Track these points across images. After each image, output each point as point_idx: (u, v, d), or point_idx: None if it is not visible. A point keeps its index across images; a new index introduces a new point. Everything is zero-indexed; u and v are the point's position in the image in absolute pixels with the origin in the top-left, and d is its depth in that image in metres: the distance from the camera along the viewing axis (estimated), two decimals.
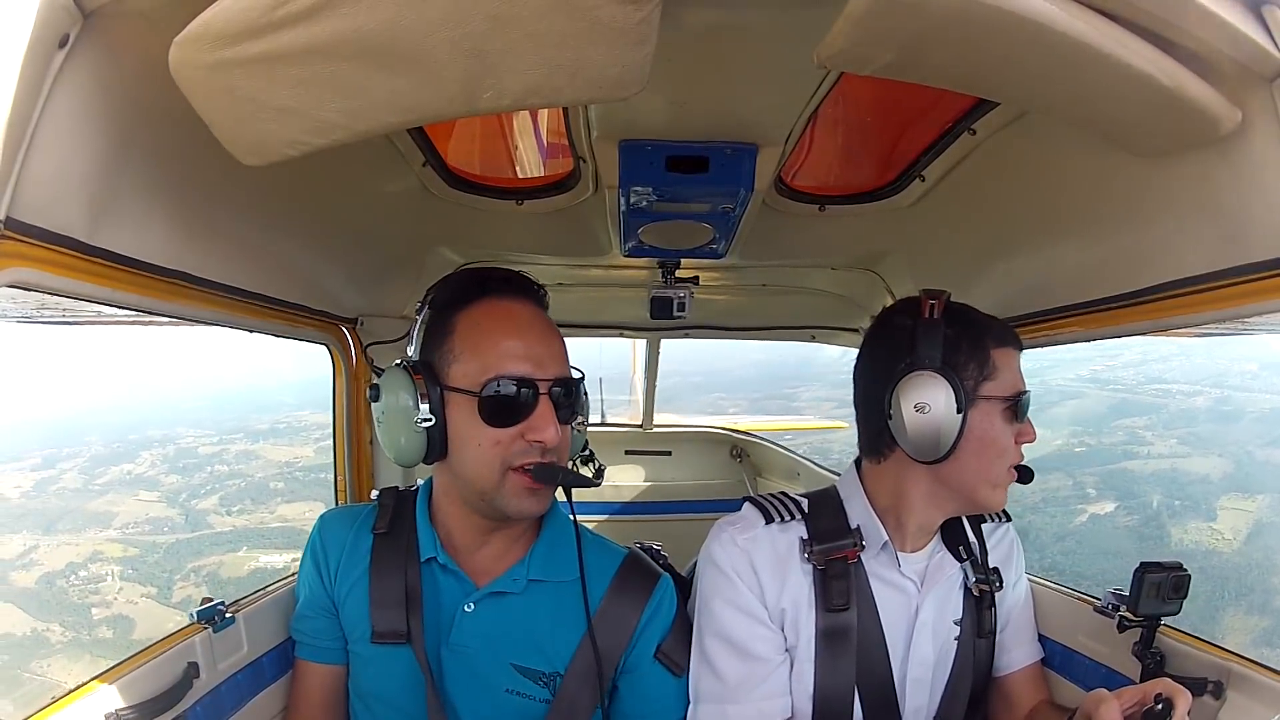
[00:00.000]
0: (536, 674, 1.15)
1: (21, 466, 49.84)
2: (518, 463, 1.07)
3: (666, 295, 1.92)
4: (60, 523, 43.03)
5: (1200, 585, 24.97)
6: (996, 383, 1.13)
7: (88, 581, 36.74)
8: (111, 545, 39.82)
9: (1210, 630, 22.87)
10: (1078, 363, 47.47)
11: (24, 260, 0.75)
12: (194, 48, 0.71)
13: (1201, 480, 32.63)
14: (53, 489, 47.14)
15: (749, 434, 3.84)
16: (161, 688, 1.10)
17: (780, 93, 1.11)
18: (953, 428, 1.09)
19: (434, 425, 1.06)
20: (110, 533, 41.47)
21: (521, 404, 1.07)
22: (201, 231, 1.10)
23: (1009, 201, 1.41)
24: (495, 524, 1.16)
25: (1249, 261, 0.92)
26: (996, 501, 1.17)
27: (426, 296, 1.16)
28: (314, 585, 1.24)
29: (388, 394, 1.09)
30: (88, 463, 49.31)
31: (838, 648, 1.17)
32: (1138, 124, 0.89)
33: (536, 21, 0.67)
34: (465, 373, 1.07)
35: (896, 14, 0.68)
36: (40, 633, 33.24)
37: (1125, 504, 31.64)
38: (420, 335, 1.14)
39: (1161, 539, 29.21)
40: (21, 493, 47.26)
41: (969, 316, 1.17)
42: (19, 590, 36.47)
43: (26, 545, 40.21)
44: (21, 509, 45.18)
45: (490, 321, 1.10)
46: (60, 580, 37.00)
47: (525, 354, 1.08)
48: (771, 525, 1.21)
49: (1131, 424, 40.17)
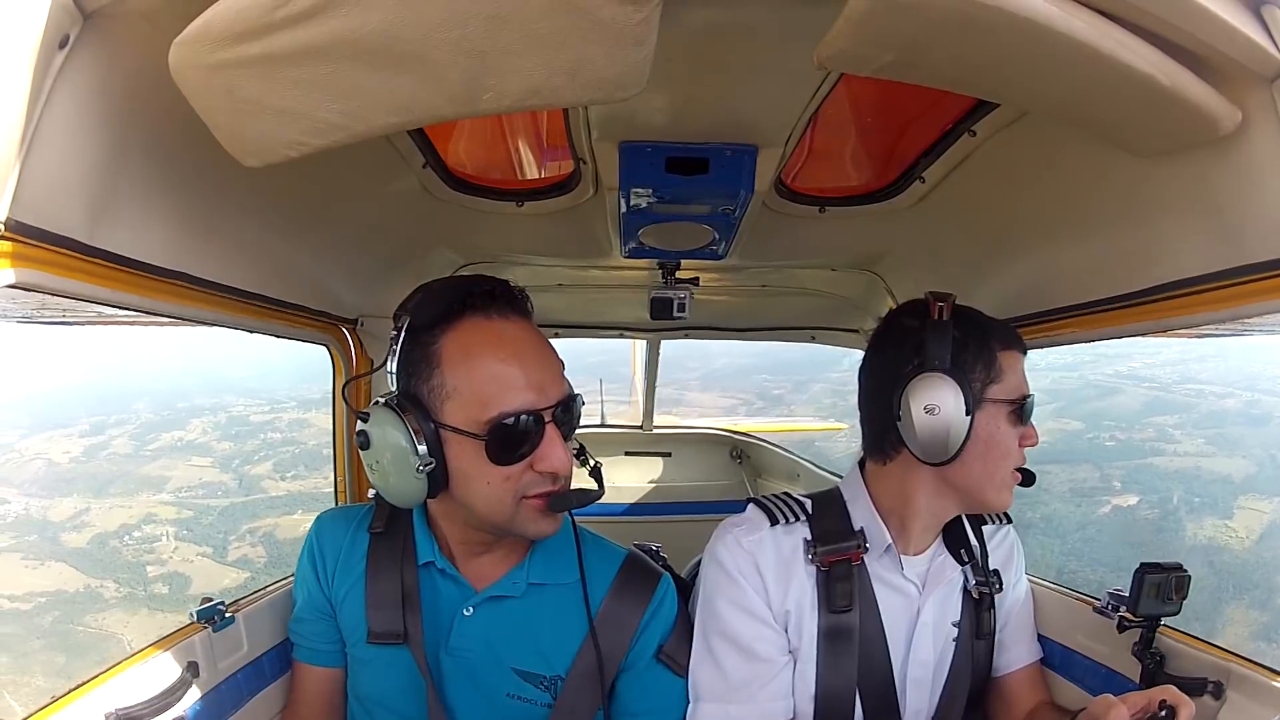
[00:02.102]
0: (537, 678, 1.15)
1: (70, 433, 50.62)
2: (530, 493, 1.03)
3: (666, 296, 1.92)
4: (111, 486, 43.82)
5: (1208, 579, 25.84)
6: (1003, 385, 1.13)
7: (142, 542, 37.55)
8: (165, 508, 40.56)
9: (1212, 622, 23.78)
10: (1117, 358, 47.84)
11: (24, 261, 0.75)
12: (194, 48, 0.71)
13: (1223, 480, 33.22)
14: (103, 454, 47.85)
15: (749, 435, 3.84)
16: (161, 687, 1.10)
17: (780, 94, 1.11)
18: (961, 429, 1.08)
19: (435, 467, 0.99)
20: (164, 496, 42.20)
21: (528, 437, 1.00)
22: (201, 232, 1.10)
23: (1009, 202, 1.42)
24: (497, 538, 1.15)
25: (1249, 262, 0.92)
26: (1002, 502, 1.17)
27: (399, 316, 1.03)
28: (311, 587, 1.23)
29: (379, 439, 1.00)
30: (138, 429, 50.07)
31: (840, 649, 1.17)
32: (1137, 124, 0.89)
33: (536, 22, 0.67)
34: (463, 409, 0.99)
35: (896, 15, 0.68)
36: (94, 589, 33.96)
37: (1147, 498, 32.37)
38: (400, 362, 1.01)
39: (1177, 532, 29.89)
40: (71, 458, 47.93)
41: (975, 319, 1.17)
42: (70, 550, 37.30)
43: (77, 508, 41.01)
44: (71, 473, 45.90)
45: (483, 349, 1.00)
46: (114, 540, 37.77)
47: (527, 383, 1.00)
48: (776, 527, 1.21)
49: (1162, 421, 40.71)
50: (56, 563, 36.48)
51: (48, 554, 37.43)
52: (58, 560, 36.68)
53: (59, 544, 38.21)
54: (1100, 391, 44.17)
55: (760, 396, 63.46)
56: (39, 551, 37.84)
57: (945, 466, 1.12)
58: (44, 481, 45.08)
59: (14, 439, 50.55)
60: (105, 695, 1.03)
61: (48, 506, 41.86)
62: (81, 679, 1.06)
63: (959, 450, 1.10)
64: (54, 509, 41.47)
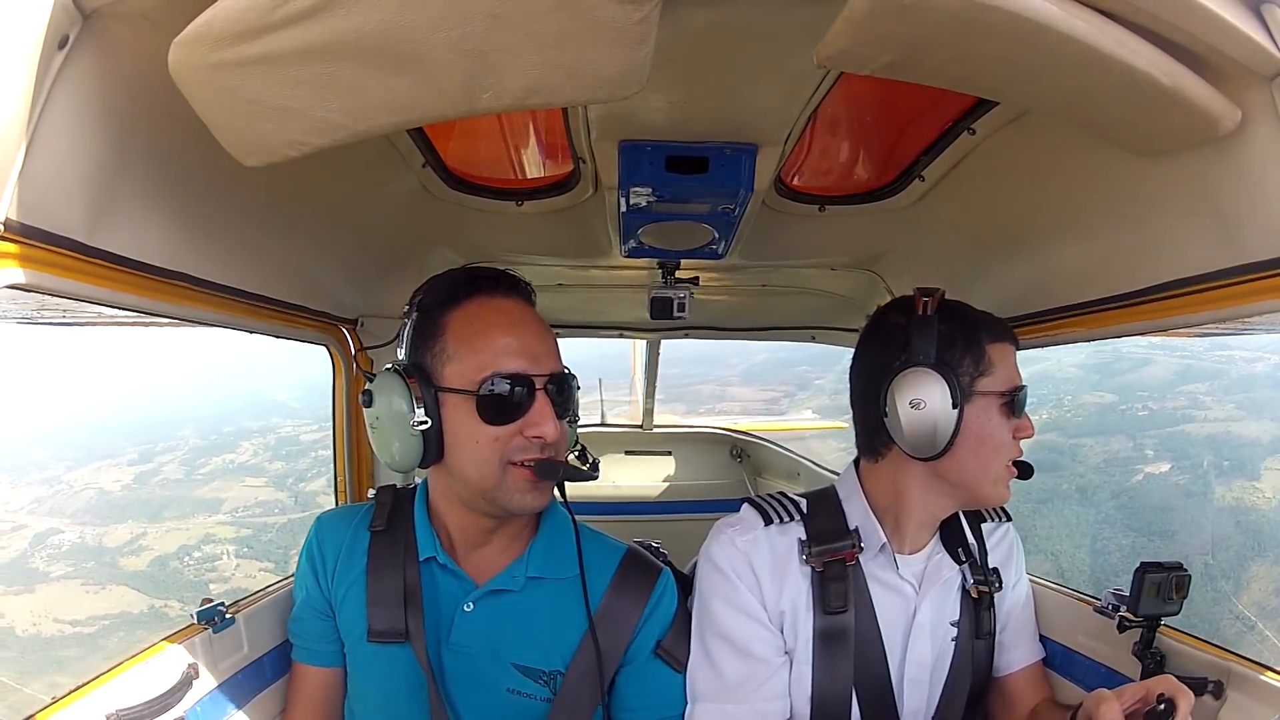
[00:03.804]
0: (537, 673, 1.15)
1: (118, 462, 52.12)
2: (518, 458, 1.07)
3: (666, 296, 1.92)
4: (166, 510, 45.09)
5: (1235, 538, 26.94)
6: (992, 378, 1.13)
7: (202, 561, 39.01)
8: (223, 528, 41.92)
9: (1237, 577, 25.03)
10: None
11: (24, 262, 0.75)
12: (194, 48, 0.71)
13: (1251, 443, 34.13)
14: (154, 481, 49.21)
15: (749, 434, 3.84)
16: (161, 688, 1.10)
17: (780, 93, 1.11)
18: (949, 423, 1.09)
19: (430, 428, 1.05)
20: (220, 516, 43.56)
21: (519, 400, 1.06)
22: (201, 232, 1.10)
23: (1008, 201, 1.41)
24: (496, 522, 1.16)
25: (1249, 261, 0.92)
26: (998, 496, 1.17)
27: (414, 298, 1.14)
28: (310, 588, 1.23)
29: (381, 398, 1.07)
30: (187, 454, 51.52)
31: (835, 649, 1.17)
32: (1137, 123, 0.89)
33: (536, 21, 0.67)
34: (460, 372, 1.07)
35: (896, 14, 0.68)
36: (158, 609, 35.33)
37: (1179, 464, 33.36)
38: (409, 338, 1.12)
39: (1206, 495, 30.90)
40: (122, 486, 49.36)
41: (964, 313, 1.17)
42: (130, 573, 38.62)
43: (134, 533, 42.35)
44: (125, 500, 47.28)
45: (483, 319, 1.09)
46: (174, 561, 39.17)
47: (521, 350, 1.08)
48: (771, 527, 1.21)
49: (1194, 389, 41.44)
50: (117, 586, 37.59)
51: (107, 578, 38.47)
52: (118, 584, 37.81)
53: (118, 568, 39.32)
54: (1133, 364, 45.00)
55: (801, 387, 64.66)
56: (98, 577, 38.85)
57: (938, 461, 1.13)
58: (97, 510, 46.12)
59: (60, 471, 51.79)
60: (105, 695, 1.03)
61: (103, 533, 42.88)
62: (83, 679, 1.06)
63: (950, 444, 1.10)
64: (109, 535, 42.54)
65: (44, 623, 35.94)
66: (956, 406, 1.08)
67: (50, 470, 52.25)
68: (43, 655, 33.62)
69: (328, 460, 1.90)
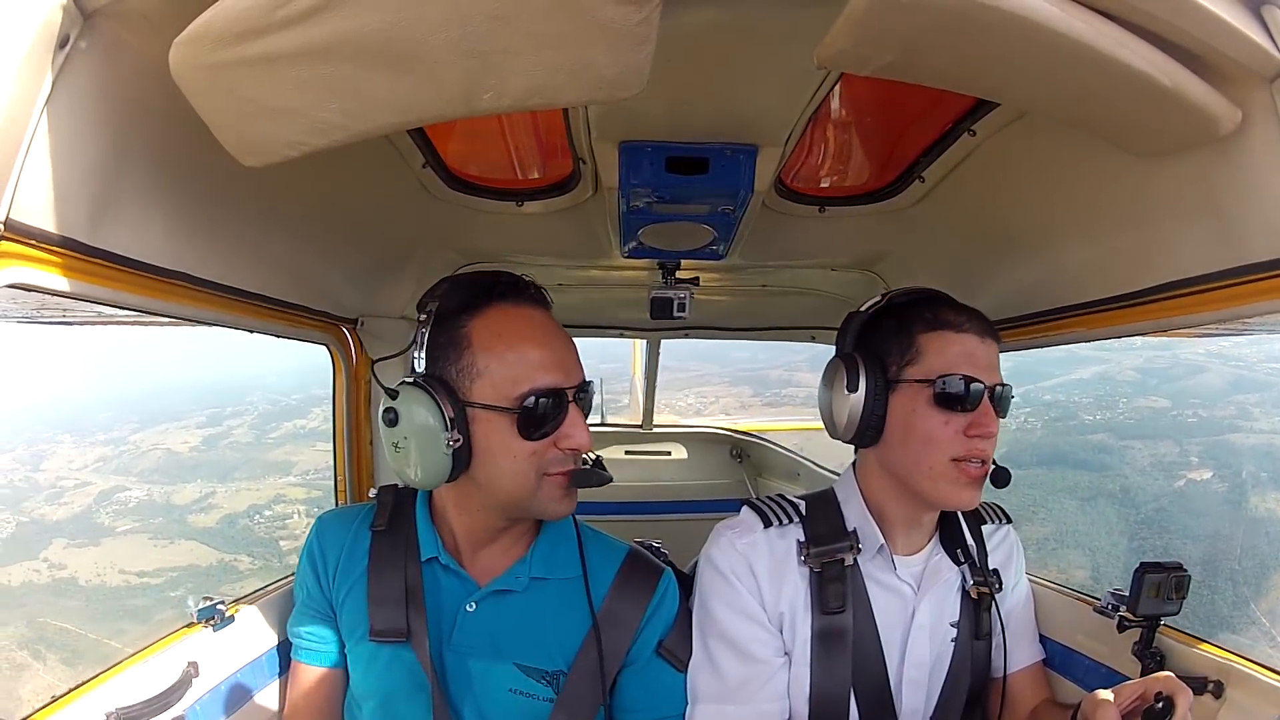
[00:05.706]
0: (540, 673, 1.15)
1: (184, 425, 53.64)
2: (553, 470, 1.07)
3: (667, 296, 1.92)
4: (236, 471, 46.36)
5: (1261, 547, 27.75)
6: (919, 367, 1.13)
7: (273, 520, 40.41)
8: (294, 489, 43.15)
9: (1257, 584, 26.01)
10: (1208, 338, 49.00)
11: (24, 261, 0.76)
12: (194, 48, 0.71)
13: None
14: (224, 444, 50.52)
15: (749, 434, 3.84)
16: (161, 687, 1.10)
17: (780, 93, 1.11)
18: (858, 408, 1.15)
19: (460, 444, 1.03)
20: (290, 479, 44.98)
21: (555, 414, 1.06)
22: (201, 232, 1.10)
23: (1009, 202, 1.41)
24: (505, 525, 1.16)
25: (1249, 261, 0.92)
26: (944, 496, 1.13)
27: (427, 305, 1.09)
28: (311, 588, 1.23)
29: (408, 416, 1.03)
30: (257, 419, 52.94)
31: (833, 650, 1.17)
32: (1138, 124, 0.89)
33: (537, 22, 0.67)
34: (494, 387, 1.04)
35: (896, 14, 0.68)
36: (227, 563, 36.82)
37: (1220, 472, 34.19)
38: (426, 348, 1.08)
39: (1240, 504, 31.73)
40: (190, 447, 50.84)
41: (903, 304, 1.20)
42: (199, 529, 40.17)
43: (203, 492, 43.93)
44: (193, 461, 48.72)
45: (513, 331, 1.07)
46: (244, 519, 40.60)
47: (555, 363, 1.07)
48: (770, 529, 1.21)
49: (1244, 400, 42.28)
50: (186, 541, 39.01)
51: (175, 534, 39.93)
52: (186, 539, 39.25)
53: (186, 524, 40.78)
54: (1189, 370, 45.85)
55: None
56: (166, 532, 40.28)
57: (879, 452, 1.18)
58: (164, 470, 47.45)
59: (126, 433, 53.13)
60: (105, 695, 1.03)
61: (170, 492, 44.33)
62: (83, 678, 1.07)
63: (877, 433, 1.15)
64: (177, 494, 43.99)
65: (109, 574, 37.14)
66: (872, 393, 1.14)
67: (115, 431, 53.36)
68: (111, 604, 34.89)
69: None
